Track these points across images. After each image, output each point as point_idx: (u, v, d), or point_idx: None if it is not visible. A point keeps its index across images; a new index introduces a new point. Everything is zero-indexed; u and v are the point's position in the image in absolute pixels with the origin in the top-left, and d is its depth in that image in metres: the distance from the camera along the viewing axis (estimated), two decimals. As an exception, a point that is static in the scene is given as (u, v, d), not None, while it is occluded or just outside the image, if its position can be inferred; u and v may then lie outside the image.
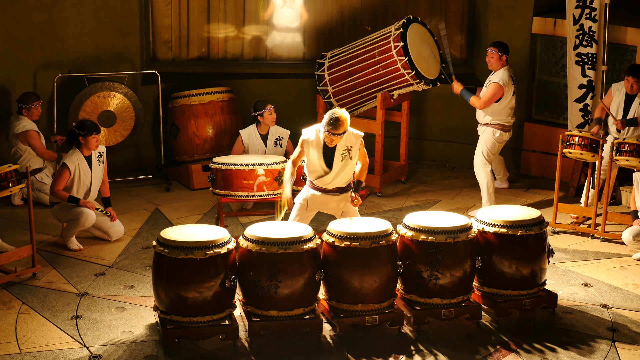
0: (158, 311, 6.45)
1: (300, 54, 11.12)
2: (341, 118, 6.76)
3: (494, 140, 9.12)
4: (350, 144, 6.96)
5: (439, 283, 6.62)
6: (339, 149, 6.93)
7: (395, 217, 8.88)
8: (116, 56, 10.23)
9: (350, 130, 6.94)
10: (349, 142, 6.95)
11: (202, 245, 6.23)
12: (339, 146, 6.92)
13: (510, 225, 6.78)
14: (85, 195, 8.18)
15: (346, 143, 6.94)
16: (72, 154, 8.11)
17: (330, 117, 6.78)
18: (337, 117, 6.76)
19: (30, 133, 9.06)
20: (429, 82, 9.44)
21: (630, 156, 8.23)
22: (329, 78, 9.76)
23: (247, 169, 8.16)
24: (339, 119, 6.76)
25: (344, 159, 6.95)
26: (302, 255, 6.36)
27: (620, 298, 7.34)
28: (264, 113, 9.03)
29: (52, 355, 6.28)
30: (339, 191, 7.10)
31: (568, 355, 6.41)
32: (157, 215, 9.10)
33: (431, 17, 10.91)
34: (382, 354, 6.38)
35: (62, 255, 8.03)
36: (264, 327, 6.43)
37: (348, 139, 6.94)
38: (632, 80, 8.62)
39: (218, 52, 10.97)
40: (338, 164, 6.97)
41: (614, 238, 8.53)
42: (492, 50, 9.03)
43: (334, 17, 10.98)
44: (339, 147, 6.93)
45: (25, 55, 9.78)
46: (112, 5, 10.15)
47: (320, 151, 6.96)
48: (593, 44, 9.49)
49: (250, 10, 10.92)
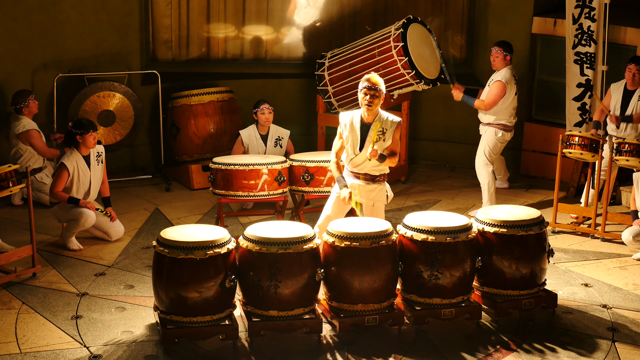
0: (158, 311, 6.45)
1: (300, 54, 11.12)
2: (373, 76, 6.93)
3: (496, 140, 9.12)
4: (386, 127, 6.97)
5: (439, 283, 6.62)
6: (374, 129, 6.91)
7: (395, 217, 8.88)
8: (116, 56, 10.23)
9: (388, 115, 7.00)
10: (385, 124, 6.97)
11: (202, 245, 6.23)
12: (374, 126, 6.91)
13: (510, 225, 6.78)
14: (85, 196, 8.18)
15: (382, 125, 6.95)
16: (70, 154, 8.11)
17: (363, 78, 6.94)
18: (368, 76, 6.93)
19: (31, 132, 9.06)
20: (429, 82, 9.44)
21: (630, 156, 8.23)
22: (329, 78, 9.76)
23: (247, 169, 8.16)
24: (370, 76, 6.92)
25: (379, 140, 6.94)
26: (302, 255, 6.36)
27: (620, 298, 7.34)
28: (257, 112, 9.05)
29: (52, 355, 6.28)
30: (371, 179, 7.06)
31: (568, 355, 6.41)
32: (157, 215, 9.10)
33: (432, 17, 10.91)
34: (382, 354, 6.38)
35: (62, 255, 8.03)
36: (264, 327, 6.43)
37: (384, 122, 6.96)
38: (634, 68, 8.62)
39: (218, 52, 10.97)
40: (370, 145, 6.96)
41: (614, 238, 8.53)
42: (497, 49, 9.02)
43: (334, 17, 10.98)
44: (374, 127, 6.91)
45: (25, 55, 9.77)
46: (112, 5, 10.15)
47: (357, 130, 6.97)
48: (592, 43, 9.50)
49: (250, 10, 10.92)
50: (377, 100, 6.89)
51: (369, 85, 6.88)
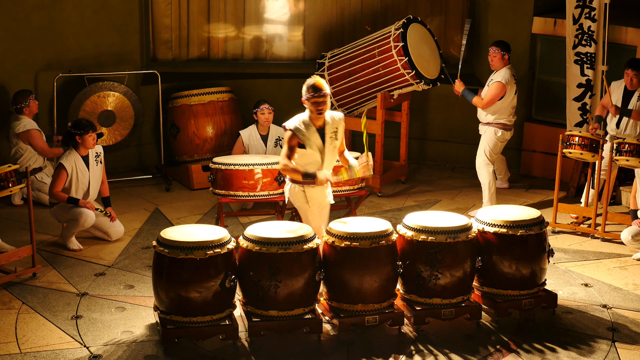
0: (158, 311, 6.45)
1: (300, 54, 11.12)
2: (316, 79, 6.70)
3: (496, 139, 9.12)
4: (337, 126, 6.87)
5: (439, 283, 6.62)
6: (328, 131, 6.81)
7: (395, 217, 8.88)
8: (116, 56, 10.23)
9: (332, 112, 6.87)
10: (335, 123, 6.85)
11: (202, 245, 6.23)
12: (328, 128, 6.81)
13: (510, 225, 6.78)
14: (84, 196, 8.18)
15: (333, 125, 6.84)
16: (68, 154, 8.11)
17: (307, 85, 6.70)
18: (312, 80, 6.70)
19: (31, 132, 9.06)
20: (429, 82, 9.44)
21: (630, 156, 8.23)
22: (329, 78, 9.76)
23: (247, 169, 8.16)
24: (315, 80, 6.69)
25: (332, 141, 6.85)
26: (302, 255, 6.36)
27: (620, 298, 7.34)
28: (257, 112, 9.06)
29: (52, 355, 6.28)
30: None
31: (568, 355, 6.41)
32: (157, 215, 9.10)
33: (431, 17, 10.92)
34: (382, 354, 6.38)
35: (62, 255, 8.03)
36: (264, 327, 6.43)
37: (334, 121, 6.84)
38: (631, 73, 8.62)
39: (218, 52, 10.97)
40: (328, 147, 6.84)
41: (614, 238, 8.53)
42: (495, 49, 9.02)
43: (334, 17, 10.98)
44: (328, 129, 6.81)
45: (25, 55, 9.78)
46: (112, 5, 10.15)
47: (315, 137, 6.80)
48: (592, 43, 9.50)
49: (250, 10, 10.92)
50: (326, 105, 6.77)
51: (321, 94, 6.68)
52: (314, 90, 6.67)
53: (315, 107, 6.70)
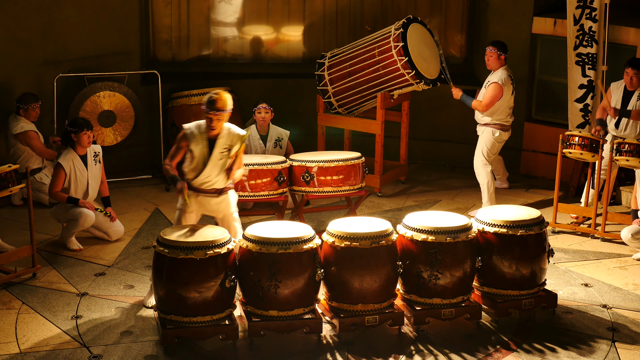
0: (158, 311, 6.45)
1: (300, 54, 11.12)
2: (220, 94, 6.66)
3: (493, 140, 9.12)
4: (231, 143, 6.81)
5: (439, 283, 6.62)
6: (219, 147, 6.77)
7: (395, 217, 8.88)
8: (116, 56, 10.22)
9: (234, 128, 6.84)
10: (230, 140, 6.80)
11: (202, 245, 6.23)
12: (219, 143, 6.76)
13: (510, 225, 6.78)
14: (83, 195, 8.18)
15: (227, 141, 6.79)
16: (66, 153, 8.11)
17: (208, 97, 6.66)
18: (214, 93, 6.66)
19: (29, 134, 9.06)
20: (429, 82, 9.44)
21: (630, 156, 8.22)
22: (329, 78, 9.76)
23: (247, 169, 8.15)
24: (217, 95, 6.64)
25: (223, 157, 6.81)
26: (302, 255, 6.36)
27: (620, 298, 7.34)
28: (255, 111, 9.07)
29: (52, 355, 6.28)
30: (217, 192, 6.90)
31: (568, 355, 6.41)
32: (157, 215, 9.10)
33: (431, 17, 10.92)
34: (382, 354, 6.38)
35: (62, 255, 8.03)
36: (264, 327, 6.43)
37: (230, 138, 6.80)
38: (631, 72, 8.62)
39: (218, 52, 10.97)
40: (215, 162, 6.79)
41: (614, 238, 8.53)
42: (491, 49, 9.03)
43: (334, 17, 10.98)
44: (219, 144, 6.76)
45: (25, 55, 9.77)
46: (112, 5, 10.15)
47: (203, 145, 6.79)
48: (593, 44, 9.49)
49: (250, 10, 10.92)
50: (219, 122, 6.73)
51: (214, 111, 6.63)
52: (208, 105, 6.65)
53: (208, 122, 6.70)
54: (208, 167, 6.78)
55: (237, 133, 6.83)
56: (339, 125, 9.93)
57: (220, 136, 6.77)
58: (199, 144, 6.78)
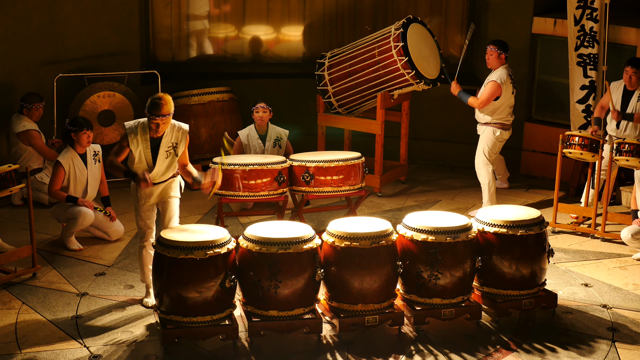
0: (158, 311, 6.45)
1: (300, 54, 11.12)
2: (164, 98, 6.60)
3: (494, 139, 9.12)
4: (176, 140, 6.81)
5: (439, 283, 6.62)
6: (164, 145, 6.76)
7: (395, 217, 8.88)
8: (116, 56, 10.23)
9: (177, 124, 6.81)
10: (175, 138, 6.79)
11: (202, 245, 6.23)
12: (164, 142, 6.76)
13: (510, 225, 6.78)
14: (83, 194, 8.19)
15: (172, 139, 6.79)
16: (65, 152, 8.12)
17: (151, 101, 6.60)
18: (158, 98, 6.59)
19: (31, 133, 9.06)
20: (429, 82, 9.44)
21: (630, 156, 8.22)
22: (329, 78, 9.76)
23: (247, 169, 8.15)
24: (161, 99, 6.58)
25: (169, 156, 6.80)
26: (302, 255, 6.35)
27: (620, 298, 7.34)
28: (252, 111, 9.07)
29: (52, 355, 6.28)
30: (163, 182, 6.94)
31: (568, 355, 6.41)
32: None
33: (431, 17, 10.92)
34: (382, 354, 6.38)
35: (62, 255, 8.03)
36: (264, 327, 6.43)
37: (175, 135, 6.79)
38: (630, 71, 8.62)
39: (218, 52, 10.97)
40: (163, 161, 6.80)
41: (614, 238, 8.53)
42: (492, 48, 9.03)
43: (334, 17, 10.98)
44: (164, 143, 6.76)
45: (25, 55, 9.78)
46: (112, 5, 10.15)
47: (146, 146, 6.77)
48: (594, 44, 9.49)
49: (250, 10, 10.92)
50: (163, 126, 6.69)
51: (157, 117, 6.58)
52: (154, 111, 6.59)
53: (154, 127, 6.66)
54: (156, 167, 6.79)
55: (181, 128, 6.81)
56: (339, 125, 9.93)
57: (164, 135, 6.76)
58: (138, 145, 6.74)
